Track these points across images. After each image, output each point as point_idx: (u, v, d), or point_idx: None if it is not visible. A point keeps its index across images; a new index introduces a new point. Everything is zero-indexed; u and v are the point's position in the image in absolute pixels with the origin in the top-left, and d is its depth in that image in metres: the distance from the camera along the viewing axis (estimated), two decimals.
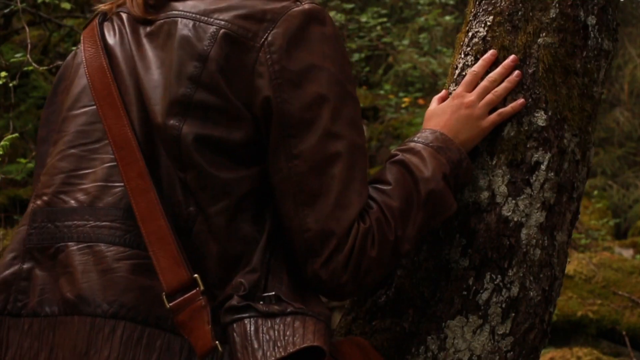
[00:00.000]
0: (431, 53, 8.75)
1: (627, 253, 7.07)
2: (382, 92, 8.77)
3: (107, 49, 1.51)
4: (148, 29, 1.48)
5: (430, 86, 8.66)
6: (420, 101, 8.37)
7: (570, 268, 5.77)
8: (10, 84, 3.98)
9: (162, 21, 1.47)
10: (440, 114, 1.64)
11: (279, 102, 1.38)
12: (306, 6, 1.42)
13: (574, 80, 1.68)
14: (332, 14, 8.15)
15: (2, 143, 3.30)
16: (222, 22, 1.41)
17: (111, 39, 1.52)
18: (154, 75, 1.43)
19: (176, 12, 1.46)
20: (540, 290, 1.66)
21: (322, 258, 1.40)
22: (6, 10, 5.26)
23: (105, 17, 1.56)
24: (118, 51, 1.49)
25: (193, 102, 1.39)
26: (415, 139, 1.57)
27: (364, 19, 8.48)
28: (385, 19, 8.66)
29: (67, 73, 1.60)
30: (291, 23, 1.40)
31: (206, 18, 1.42)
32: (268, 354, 1.32)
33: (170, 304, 1.34)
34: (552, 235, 1.67)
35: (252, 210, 1.41)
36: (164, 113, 1.40)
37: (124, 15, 1.53)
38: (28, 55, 4.14)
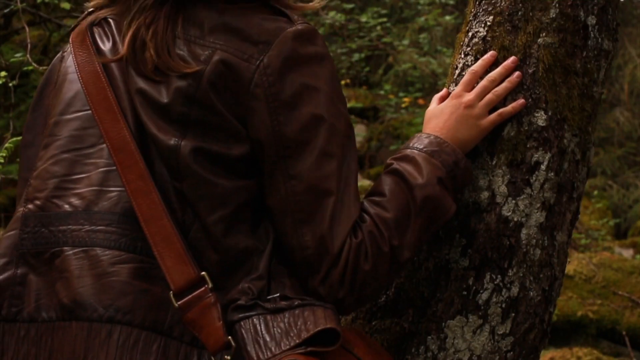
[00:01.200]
0: (431, 53, 8.76)
1: (627, 253, 7.08)
2: (382, 92, 8.79)
3: (99, 54, 1.49)
4: None
5: (430, 86, 8.67)
6: (420, 101, 8.38)
7: (570, 268, 5.77)
8: (10, 84, 3.99)
9: None
10: (439, 115, 1.64)
11: (276, 124, 1.40)
12: (299, 27, 1.42)
13: (574, 80, 1.68)
14: (332, 14, 8.16)
15: (7, 145, 3.30)
16: (218, 45, 1.41)
17: (104, 45, 1.50)
18: (148, 86, 1.42)
19: None
20: (540, 290, 1.66)
21: (320, 275, 1.41)
22: (6, 10, 5.26)
23: (93, 21, 1.55)
24: (111, 57, 1.48)
25: (191, 120, 1.39)
26: (410, 145, 1.58)
27: (364, 19, 8.49)
28: (385, 19, 8.67)
29: (53, 77, 1.58)
30: (286, 45, 1.40)
31: (201, 41, 1.42)
32: (282, 344, 1.34)
33: (179, 302, 1.35)
34: (552, 235, 1.67)
35: (249, 222, 1.42)
36: (161, 127, 1.40)
37: (112, 22, 1.52)
38: (28, 55, 4.14)
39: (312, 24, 1.46)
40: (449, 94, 1.70)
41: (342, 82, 8.84)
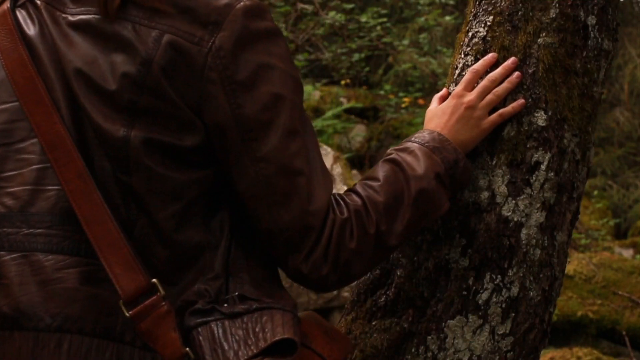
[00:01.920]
0: (431, 53, 8.77)
1: (627, 253, 7.09)
2: (382, 92, 8.79)
3: (25, 40, 1.37)
4: (71, 19, 1.36)
5: (430, 86, 8.68)
6: (420, 101, 8.39)
7: (570, 268, 5.77)
8: None
9: (90, 16, 1.36)
10: (440, 115, 1.64)
11: (235, 108, 1.34)
12: (247, 2, 1.35)
13: (574, 80, 1.68)
14: (332, 14, 8.16)
15: None
16: (165, 27, 1.32)
17: (29, 30, 1.38)
18: (89, 72, 1.33)
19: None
20: (540, 290, 1.66)
21: (302, 253, 1.38)
22: None
23: (16, 2, 1.42)
24: (39, 43, 1.37)
25: (140, 108, 1.31)
26: (412, 139, 1.57)
27: (364, 19, 8.50)
28: (385, 19, 8.68)
29: None
30: (236, 23, 1.34)
31: (146, 21, 1.33)
32: (240, 353, 1.30)
33: (131, 312, 1.28)
34: (552, 235, 1.67)
35: (202, 215, 1.36)
36: (107, 117, 1.31)
37: (40, 4, 1.39)
38: None
39: (312, 24, 1.43)
40: (449, 93, 1.70)
41: (342, 82, 8.86)
